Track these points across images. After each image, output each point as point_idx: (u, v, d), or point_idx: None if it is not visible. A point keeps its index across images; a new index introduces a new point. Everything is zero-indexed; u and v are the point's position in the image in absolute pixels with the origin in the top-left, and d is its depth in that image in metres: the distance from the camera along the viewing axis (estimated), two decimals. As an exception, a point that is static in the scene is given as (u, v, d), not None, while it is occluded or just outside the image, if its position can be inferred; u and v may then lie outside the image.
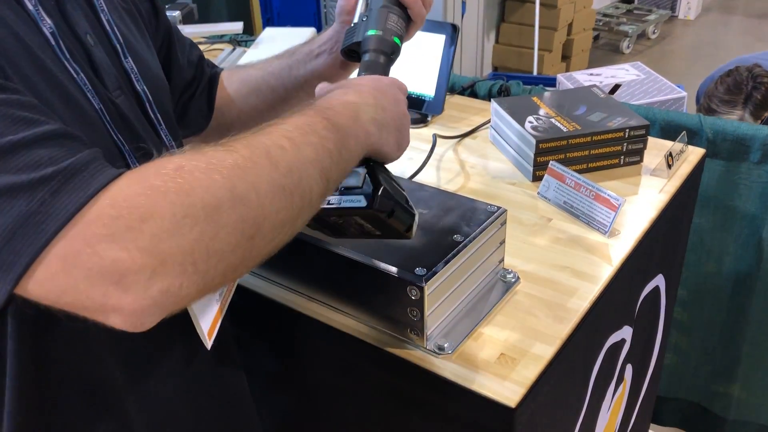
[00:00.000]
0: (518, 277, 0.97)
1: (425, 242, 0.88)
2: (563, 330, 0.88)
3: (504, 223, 0.95)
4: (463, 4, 1.98)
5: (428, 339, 0.86)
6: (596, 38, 5.68)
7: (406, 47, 0.90)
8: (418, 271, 0.82)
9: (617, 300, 1.06)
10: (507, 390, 0.80)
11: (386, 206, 0.68)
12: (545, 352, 0.85)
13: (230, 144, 0.56)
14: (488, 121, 1.39)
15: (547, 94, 1.37)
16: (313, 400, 1.05)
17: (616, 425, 1.32)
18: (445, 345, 0.86)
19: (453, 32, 1.42)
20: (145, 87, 0.76)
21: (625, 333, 1.15)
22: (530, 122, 1.24)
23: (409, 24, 0.90)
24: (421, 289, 0.82)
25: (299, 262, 0.94)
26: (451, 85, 1.60)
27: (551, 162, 1.17)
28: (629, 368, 1.27)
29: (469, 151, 1.34)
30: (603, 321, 1.02)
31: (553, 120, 1.25)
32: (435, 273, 0.83)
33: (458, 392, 0.82)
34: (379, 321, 0.89)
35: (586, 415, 1.06)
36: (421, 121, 1.43)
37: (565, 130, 1.22)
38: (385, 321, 0.88)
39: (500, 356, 0.85)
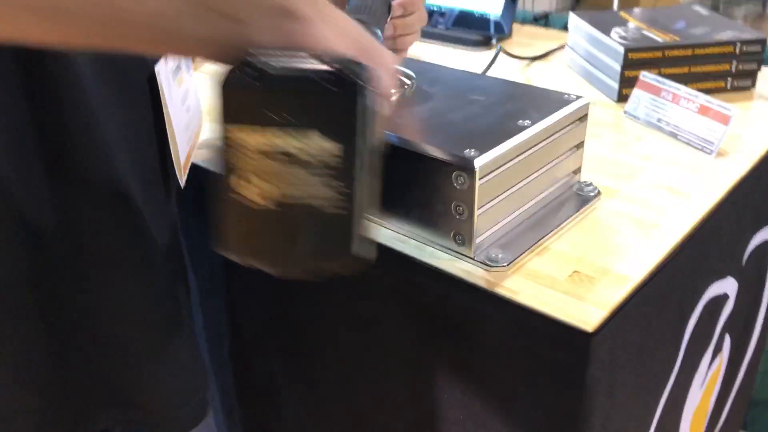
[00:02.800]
0: (599, 192, 0.76)
1: (481, 127, 0.68)
2: (658, 251, 0.67)
3: (584, 118, 0.74)
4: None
5: (477, 247, 0.65)
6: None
7: None
8: (468, 153, 0.62)
9: (724, 238, 0.84)
10: (581, 311, 0.59)
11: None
12: (633, 272, 0.64)
13: None
14: (564, 47, 1.18)
15: (637, 9, 1.15)
16: (321, 339, 0.85)
17: (708, 411, 1.08)
18: (500, 256, 0.65)
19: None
20: None
21: (729, 286, 0.91)
22: (617, 32, 1.02)
23: None
24: (471, 174, 0.61)
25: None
26: (520, 18, 1.39)
27: (642, 73, 0.95)
28: (728, 340, 1.03)
29: (541, 76, 1.13)
30: (705, 259, 0.80)
31: (644, 32, 1.03)
32: (489, 156, 0.63)
33: (514, 313, 0.61)
34: (411, 225, 0.69)
35: (676, 383, 0.83)
36: (484, 43, 1.23)
37: (660, 40, 1.00)
38: (420, 224, 0.68)
39: (573, 274, 0.64)
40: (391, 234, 0.70)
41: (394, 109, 0.74)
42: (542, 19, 1.42)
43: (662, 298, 0.70)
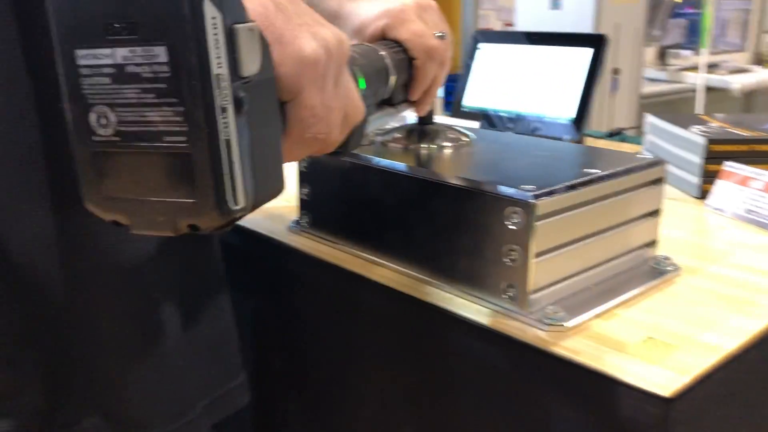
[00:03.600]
0: (678, 267, 0.66)
1: (542, 173, 0.61)
2: (755, 324, 0.56)
3: (659, 181, 0.65)
4: (614, 80, 1.74)
5: (531, 303, 0.56)
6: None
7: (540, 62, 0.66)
8: (525, 187, 0.54)
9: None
10: (657, 375, 0.48)
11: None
12: (724, 342, 0.53)
13: None
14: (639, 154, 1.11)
15: (720, 114, 1.08)
16: (349, 384, 0.74)
17: None
18: (559, 314, 0.55)
19: (600, 45, 1.18)
20: None
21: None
22: (697, 128, 0.95)
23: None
24: (528, 211, 0.53)
25: (349, 196, 0.69)
26: (595, 135, 1.34)
27: (725, 163, 0.87)
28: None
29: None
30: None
31: (728, 129, 0.96)
32: (551, 193, 0.55)
33: (572, 375, 0.50)
34: (456, 276, 0.60)
35: None
36: (555, 146, 1.18)
37: (745, 135, 0.92)
38: (464, 277, 0.60)
39: (647, 339, 0.53)
40: (432, 290, 0.62)
41: (450, 156, 0.68)
42: (616, 135, 1.37)
43: (760, 372, 0.58)
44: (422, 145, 0.70)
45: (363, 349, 0.70)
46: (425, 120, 0.72)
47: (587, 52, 1.19)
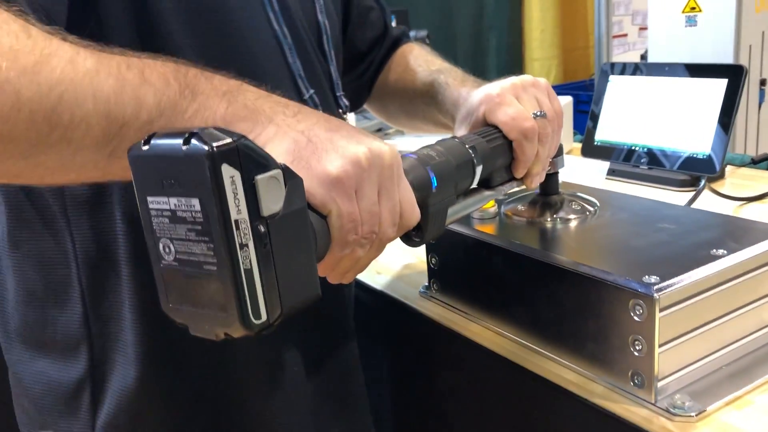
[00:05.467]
0: (821, 342, 0.63)
1: (666, 254, 0.61)
2: None
3: (797, 253, 0.63)
4: (761, 92, 1.64)
5: (659, 392, 0.56)
6: None
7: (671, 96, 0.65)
8: (648, 279, 0.55)
9: None
10: (790, 481, 0.48)
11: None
12: None
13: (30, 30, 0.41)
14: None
15: None
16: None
17: None
18: (687, 404, 0.55)
19: (738, 76, 1.14)
20: (326, 19, 0.71)
21: None
22: None
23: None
24: (651, 304, 0.54)
25: (476, 269, 0.71)
26: (738, 162, 1.28)
27: None
28: None
29: (758, 218, 1.01)
30: None
31: None
32: (673, 285, 0.55)
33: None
34: (582, 359, 0.62)
35: None
36: (691, 183, 1.14)
37: None
38: (591, 359, 0.61)
39: (782, 435, 0.52)
40: (561, 368, 0.63)
41: (573, 233, 0.69)
42: (763, 162, 1.30)
43: None
44: (547, 219, 0.72)
45: (486, 420, 0.73)
46: (549, 189, 0.74)
47: (722, 83, 1.15)
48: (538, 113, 0.66)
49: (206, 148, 0.38)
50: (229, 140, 0.39)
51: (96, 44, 0.42)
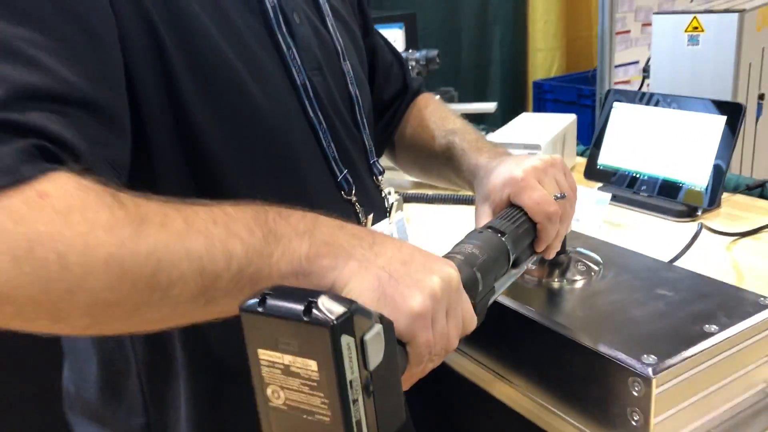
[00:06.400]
0: (802, 405, 0.70)
1: (663, 328, 0.68)
2: None
3: (783, 323, 0.70)
4: (759, 105, 1.70)
5: (655, 457, 0.63)
6: None
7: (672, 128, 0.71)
8: (646, 359, 0.62)
9: None
10: None
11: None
12: None
13: (120, 197, 0.45)
14: (779, 222, 1.12)
15: None
16: None
17: None
18: (678, 469, 0.62)
19: (735, 114, 1.19)
20: (357, 90, 0.76)
21: None
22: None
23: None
24: (648, 384, 0.61)
25: (492, 327, 0.78)
26: (732, 185, 1.34)
27: None
28: None
29: (749, 253, 1.07)
30: None
31: None
32: (670, 366, 0.62)
33: None
34: (585, 420, 0.69)
35: None
36: (689, 213, 1.20)
37: None
38: (594, 421, 0.68)
39: (762, 502, 0.59)
40: (567, 426, 0.70)
41: (579, 297, 0.76)
42: (757, 188, 1.36)
43: None
44: (555, 280, 0.78)
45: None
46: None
47: (720, 120, 1.20)
48: (559, 195, 0.71)
49: (328, 321, 0.42)
50: (345, 310, 0.43)
51: (176, 199, 0.47)
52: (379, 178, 0.79)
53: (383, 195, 0.79)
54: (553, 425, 0.71)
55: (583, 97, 3.06)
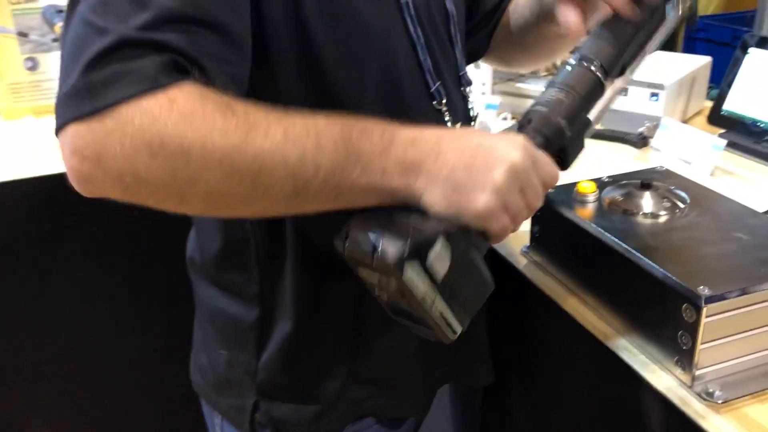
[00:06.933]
0: None
1: (727, 266, 0.72)
2: None
3: None
4: None
5: (696, 379, 0.69)
6: None
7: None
8: (701, 290, 0.67)
9: None
10: (778, 469, 0.60)
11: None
12: None
13: (233, 106, 0.55)
14: None
15: None
16: (543, 398, 0.93)
17: None
18: (717, 392, 0.68)
19: None
20: (453, 7, 0.81)
21: None
22: None
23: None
24: (698, 312, 0.66)
25: (570, 245, 0.85)
26: None
27: None
28: None
29: None
30: None
31: None
32: (723, 299, 0.67)
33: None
34: (642, 338, 0.75)
35: None
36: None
37: None
38: (649, 340, 0.74)
39: (790, 431, 0.65)
40: (623, 344, 0.77)
41: (658, 230, 0.80)
42: None
43: None
44: (638, 213, 0.83)
45: (563, 364, 0.88)
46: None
47: None
48: None
49: (389, 265, 0.54)
50: (402, 247, 0.54)
51: (278, 110, 0.56)
52: (468, 89, 0.85)
53: (469, 105, 0.85)
54: (615, 342, 0.78)
55: (738, 39, 2.88)
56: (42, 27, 1.50)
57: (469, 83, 0.86)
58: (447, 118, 0.78)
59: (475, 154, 0.60)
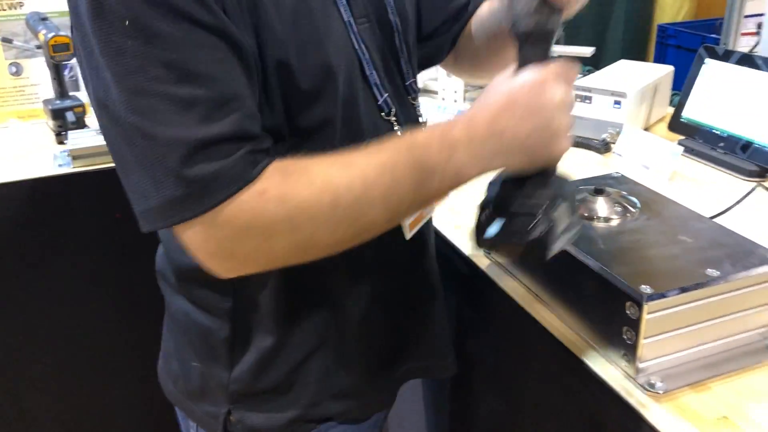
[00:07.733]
0: (794, 351, 0.79)
1: (670, 267, 0.78)
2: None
3: (787, 278, 0.78)
4: None
5: (639, 371, 0.75)
6: None
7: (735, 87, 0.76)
8: (643, 288, 0.73)
9: None
10: (707, 453, 0.66)
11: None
12: (783, 435, 0.68)
13: (311, 174, 0.64)
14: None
15: None
16: (505, 389, 0.99)
17: None
18: (658, 383, 0.74)
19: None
20: (397, 19, 0.82)
21: None
22: None
23: None
24: (640, 309, 0.72)
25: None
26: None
27: None
28: None
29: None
30: None
31: None
32: (663, 297, 0.73)
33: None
34: (593, 334, 0.81)
35: None
36: (759, 174, 1.25)
37: None
38: (599, 336, 0.80)
39: (722, 419, 0.70)
40: (576, 340, 0.83)
41: (608, 233, 0.86)
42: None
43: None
44: (592, 217, 0.88)
45: (523, 357, 0.94)
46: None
47: (808, 88, 1.23)
48: None
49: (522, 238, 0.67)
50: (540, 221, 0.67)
51: (334, 155, 0.65)
52: (414, 97, 0.86)
53: (418, 113, 0.87)
54: (570, 339, 0.83)
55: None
56: (26, 33, 1.54)
57: (416, 92, 0.87)
58: (396, 128, 0.80)
59: (530, 111, 0.66)
